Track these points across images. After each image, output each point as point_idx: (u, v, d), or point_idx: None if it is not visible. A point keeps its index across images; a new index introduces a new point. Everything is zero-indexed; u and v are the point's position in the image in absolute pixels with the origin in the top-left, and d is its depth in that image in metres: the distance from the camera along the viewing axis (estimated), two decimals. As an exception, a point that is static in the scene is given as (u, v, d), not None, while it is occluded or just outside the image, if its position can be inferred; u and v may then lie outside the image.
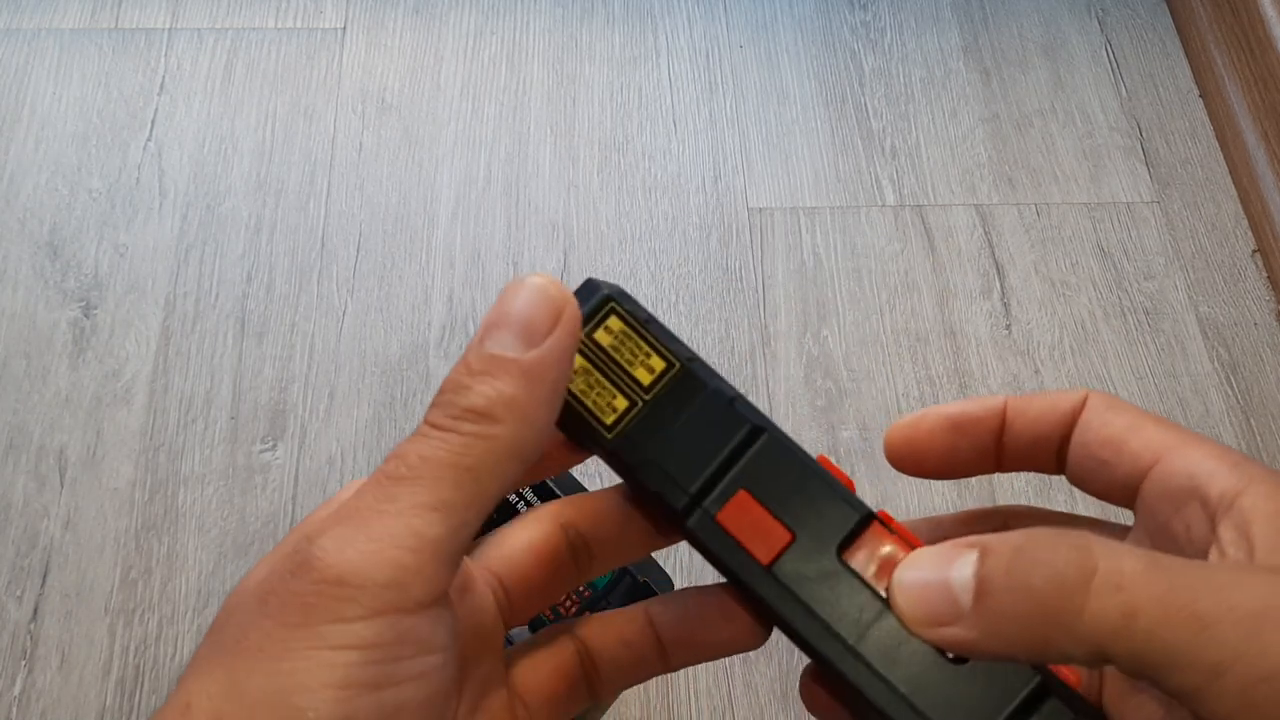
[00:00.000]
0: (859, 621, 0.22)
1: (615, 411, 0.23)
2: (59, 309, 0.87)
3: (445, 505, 0.20)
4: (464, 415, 0.21)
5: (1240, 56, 0.97)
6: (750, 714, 0.72)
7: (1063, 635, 0.19)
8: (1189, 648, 0.18)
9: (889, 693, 0.21)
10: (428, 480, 0.20)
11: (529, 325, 0.22)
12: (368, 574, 0.19)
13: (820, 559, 0.22)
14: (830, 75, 1.02)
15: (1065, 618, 0.19)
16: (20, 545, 0.77)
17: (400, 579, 0.20)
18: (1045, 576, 0.19)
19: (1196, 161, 0.97)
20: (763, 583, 0.22)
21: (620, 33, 1.03)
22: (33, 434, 0.81)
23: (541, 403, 0.21)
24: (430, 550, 0.20)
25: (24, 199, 0.92)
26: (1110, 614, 0.18)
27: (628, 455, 0.23)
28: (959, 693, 0.21)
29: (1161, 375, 0.86)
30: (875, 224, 0.93)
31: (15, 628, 0.74)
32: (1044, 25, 1.05)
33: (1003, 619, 0.19)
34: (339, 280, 0.89)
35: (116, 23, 1.02)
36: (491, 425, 0.21)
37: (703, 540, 0.23)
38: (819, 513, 0.22)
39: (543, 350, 0.21)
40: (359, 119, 0.97)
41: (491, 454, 0.21)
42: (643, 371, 0.24)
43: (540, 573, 0.26)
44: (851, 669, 0.21)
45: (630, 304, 0.24)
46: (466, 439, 0.21)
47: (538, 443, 0.22)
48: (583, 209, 0.93)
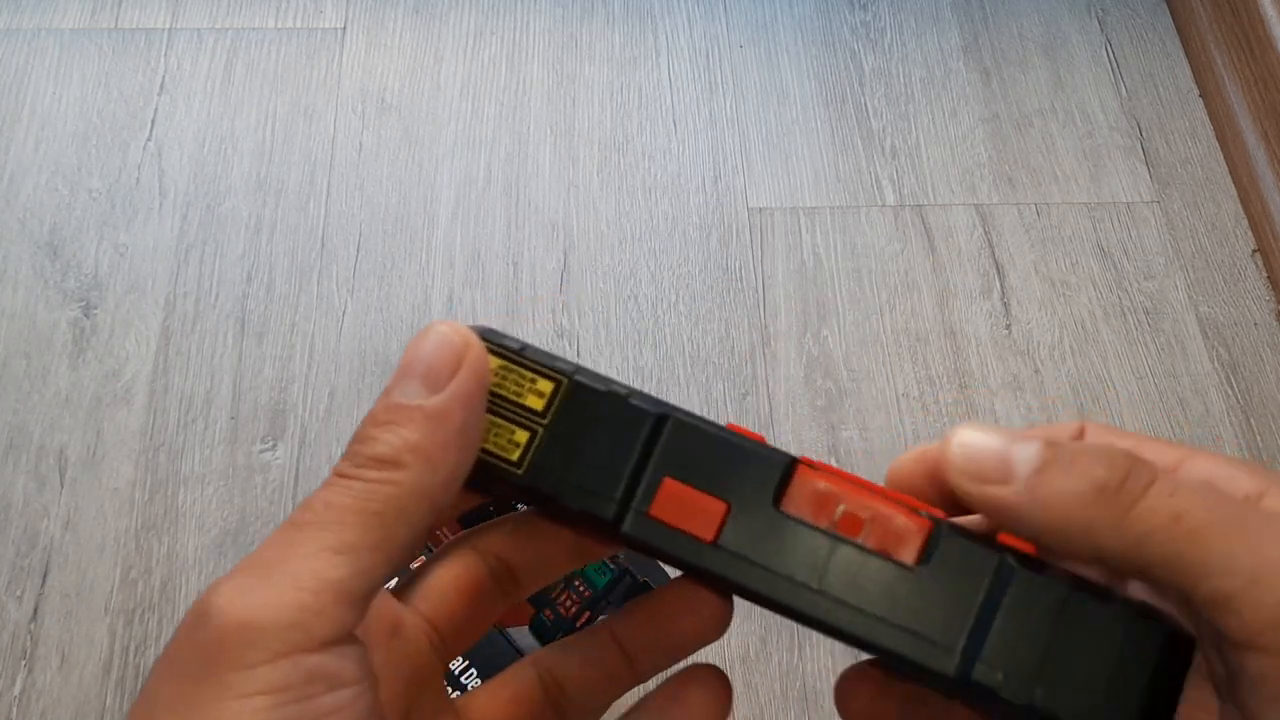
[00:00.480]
0: (815, 564, 0.22)
1: (518, 446, 0.23)
2: (59, 309, 0.87)
3: (349, 548, 0.20)
4: (369, 463, 0.21)
5: (1240, 56, 0.97)
6: (750, 714, 0.72)
7: (1109, 525, 0.20)
8: (1229, 553, 0.19)
9: (864, 619, 0.21)
10: (332, 525, 0.20)
11: (431, 372, 0.22)
12: (269, 618, 0.19)
13: (760, 517, 0.22)
14: (830, 75, 1.02)
15: (1117, 509, 0.20)
16: (20, 545, 0.77)
17: (302, 620, 0.19)
18: (1107, 469, 0.20)
19: (1196, 161, 0.97)
20: (714, 559, 0.22)
21: (620, 33, 1.03)
22: (33, 434, 0.81)
23: (446, 447, 0.22)
24: (332, 591, 0.20)
25: (24, 199, 0.92)
26: (1159, 513, 0.20)
27: (544, 484, 0.23)
28: (930, 595, 0.21)
29: (1161, 375, 0.86)
30: (875, 224, 0.93)
31: (15, 628, 0.74)
32: (1044, 25, 1.05)
33: (1055, 494, 0.20)
34: (339, 280, 0.89)
35: (116, 23, 1.02)
36: (396, 471, 0.21)
37: (643, 540, 0.22)
38: (744, 475, 0.22)
39: (445, 395, 0.22)
40: (359, 119, 0.97)
41: (397, 499, 0.21)
42: (533, 398, 0.23)
43: (466, 607, 0.26)
44: (823, 610, 0.22)
45: (500, 338, 0.24)
46: (371, 485, 0.21)
47: (446, 486, 0.22)
48: (583, 209, 0.93)
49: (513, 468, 0.23)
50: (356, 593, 0.20)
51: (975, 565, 0.21)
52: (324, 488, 0.21)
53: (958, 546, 0.21)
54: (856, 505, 0.22)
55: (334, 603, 0.20)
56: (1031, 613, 0.21)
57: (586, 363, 0.85)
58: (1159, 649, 0.21)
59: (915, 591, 0.21)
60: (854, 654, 0.22)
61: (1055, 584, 0.21)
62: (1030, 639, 0.21)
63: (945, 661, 0.21)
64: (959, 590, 0.21)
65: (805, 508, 0.22)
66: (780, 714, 0.72)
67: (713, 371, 0.86)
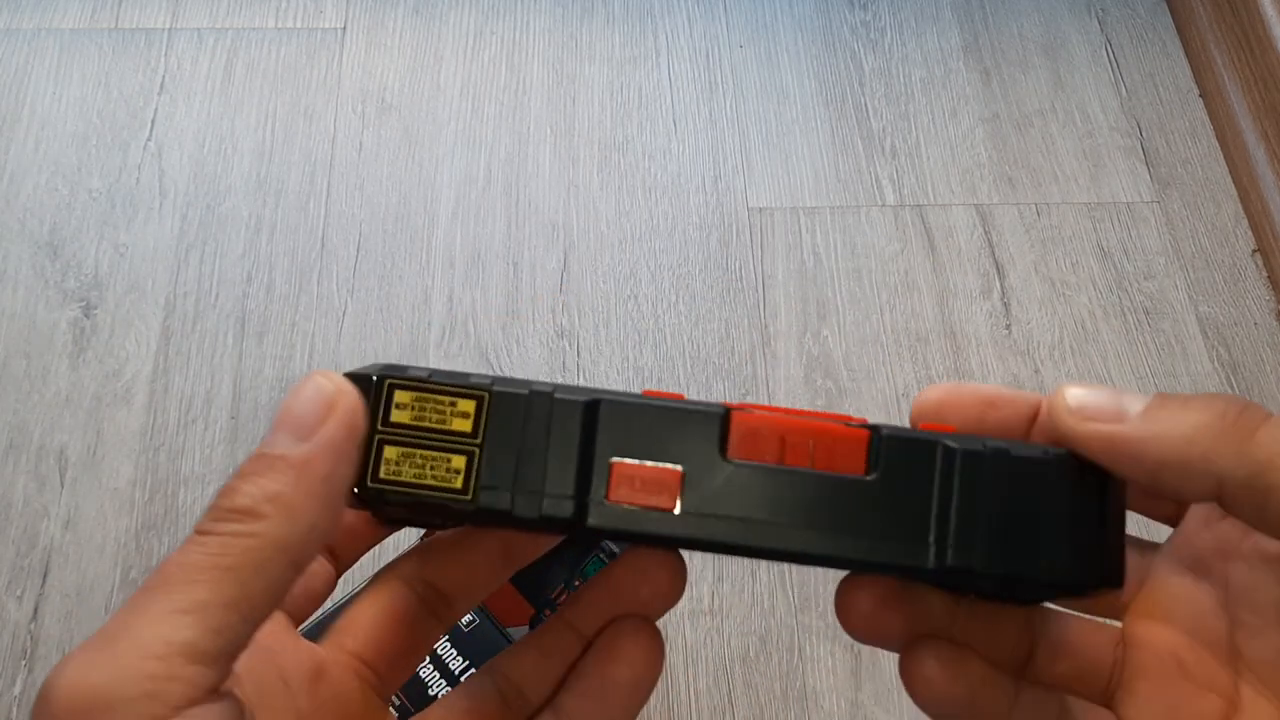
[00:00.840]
0: (776, 500, 0.22)
1: (459, 473, 0.23)
2: (59, 309, 0.87)
3: (198, 607, 0.19)
4: (226, 516, 0.20)
5: (1240, 56, 0.97)
6: (750, 714, 0.72)
7: (1231, 452, 0.20)
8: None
9: (835, 539, 0.22)
10: (180, 585, 0.20)
11: (299, 422, 0.21)
12: (116, 692, 0.18)
13: (714, 472, 0.22)
14: (830, 75, 1.02)
15: (1237, 436, 0.21)
16: (20, 545, 0.77)
17: (152, 689, 0.18)
18: (1225, 401, 0.21)
19: (1196, 161, 0.97)
20: (683, 525, 0.22)
21: (620, 33, 1.03)
22: (33, 434, 0.81)
23: (310, 495, 0.21)
24: (182, 654, 0.19)
25: (24, 199, 0.92)
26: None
27: (497, 504, 0.22)
28: (888, 498, 0.22)
29: (1162, 375, 0.86)
30: (875, 224, 0.93)
31: (15, 628, 0.74)
32: (1044, 25, 1.05)
33: (1174, 424, 0.21)
34: (339, 280, 0.89)
35: (116, 23, 1.02)
36: (254, 523, 0.20)
37: (612, 527, 0.22)
38: (686, 437, 0.23)
39: (310, 444, 0.21)
40: (359, 119, 0.97)
41: (253, 552, 0.20)
42: (459, 421, 0.23)
43: (397, 638, 0.25)
44: (795, 542, 0.22)
45: (403, 371, 0.23)
46: (225, 539, 0.20)
47: (308, 538, 0.21)
48: (583, 209, 0.93)
49: (459, 496, 0.22)
50: (210, 652, 0.19)
51: (919, 458, 0.22)
52: (180, 549, 0.20)
53: (898, 445, 0.22)
54: (796, 434, 0.22)
55: (184, 665, 0.19)
56: (983, 487, 0.22)
57: (587, 362, 0.85)
58: (1100, 493, 0.22)
59: (874, 499, 0.22)
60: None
61: (997, 453, 0.22)
62: (989, 511, 0.22)
63: (921, 557, 0.22)
64: (913, 486, 0.22)
65: (751, 450, 0.22)
66: (780, 714, 0.72)
67: (713, 371, 0.86)
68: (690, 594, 0.76)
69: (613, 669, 0.25)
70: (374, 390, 0.23)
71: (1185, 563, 0.25)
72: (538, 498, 0.22)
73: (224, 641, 0.20)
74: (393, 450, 0.23)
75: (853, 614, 0.25)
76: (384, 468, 0.22)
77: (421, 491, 0.22)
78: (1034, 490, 0.22)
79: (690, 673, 0.73)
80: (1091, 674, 0.26)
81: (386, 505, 0.23)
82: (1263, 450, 0.20)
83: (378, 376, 0.23)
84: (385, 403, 0.23)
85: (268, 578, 0.20)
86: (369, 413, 0.22)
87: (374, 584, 0.26)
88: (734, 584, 0.76)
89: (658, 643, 0.25)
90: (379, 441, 0.23)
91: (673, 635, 0.74)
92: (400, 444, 0.23)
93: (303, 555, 0.21)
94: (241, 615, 0.20)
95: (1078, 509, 0.22)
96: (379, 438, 0.23)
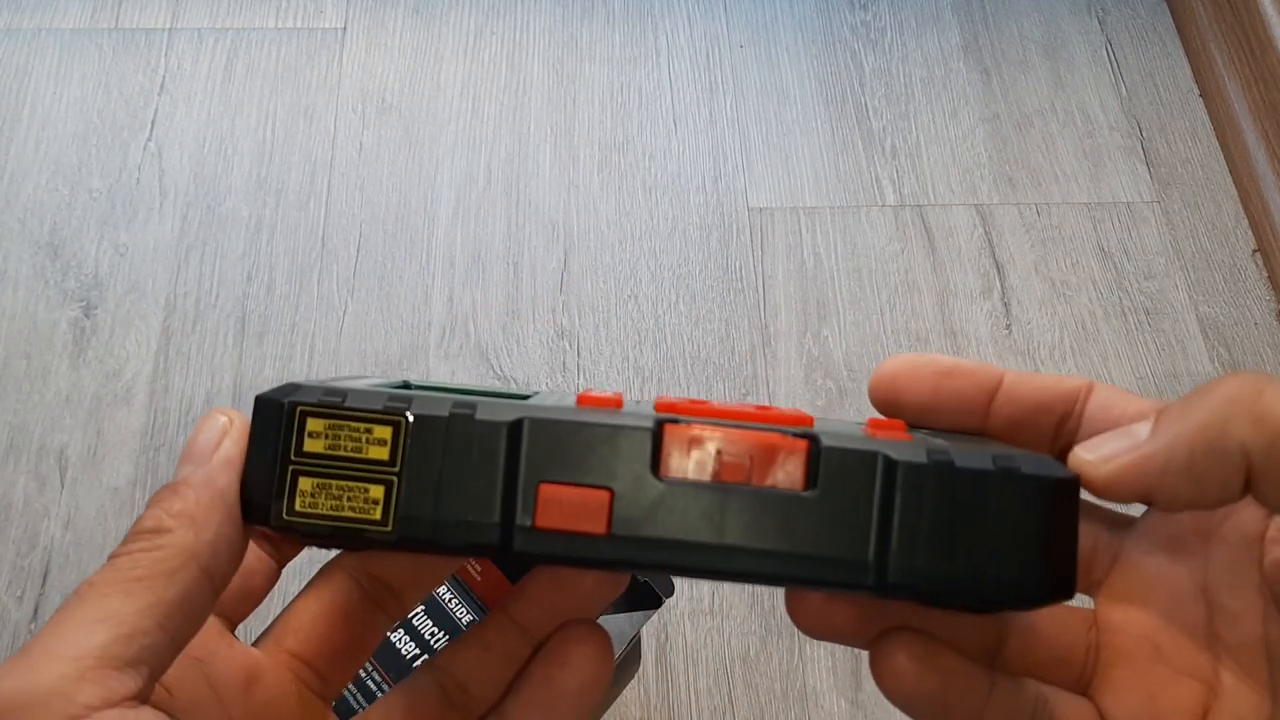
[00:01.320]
0: (711, 520, 0.21)
1: (377, 504, 0.22)
2: (59, 309, 0.87)
3: (110, 616, 0.20)
4: (135, 537, 0.21)
5: (1240, 56, 0.97)
6: (750, 714, 0.72)
7: (1243, 414, 0.20)
8: None
9: (772, 559, 0.21)
10: (93, 599, 0.20)
11: (200, 452, 0.22)
12: (27, 695, 0.19)
13: (645, 492, 0.22)
14: (830, 75, 1.02)
15: (1246, 398, 0.20)
16: (20, 545, 0.77)
17: (61, 688, 0.19)
18: (1221, 381, 0.21)
19: (1197, 161, 0.97)
20: (613, 549, 0.21)
21: (620, 33, 1.03)
22: (33, 434, 0.81)
23: (211, 508, 0.21)
24: (94, 657, 0.19)
25: (24, 199, 0.92)
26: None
27: (418, 534, 0.22)
28: (827, 515, 0.21)
29: (1162, 375, 0.86)
30: (875, 224, 0.93)
31: (15, 628, 0.74)
32: (1044, 25, 1.05)
33: (1183, 420, 0.21)
34: (339, 280, 0.89)
35: (117, 23, 1.02)
36: (160, 536, 0.21)
37: (539, 552, 0.22)
38: (616, 454, 0.22)
39: (211, 464, 0.22)
40: (359, 119, 0.97)
41: (162, 562, 0.21)
42: (375, 449, 0.22)
43: (339, 635, 0.25)
44: (732, 563, 0.21)
45: (316, 395, 0.22)
46: (134, 555, 0.21)
47: (216, 548, 0.21)
48: (583, 209, 0.93)
49: (378, 527, 0.22)
50: (122, 657, 0.20)
51: (860, 471, 0.21)
52: (95, 572, 0.21)
53: (838, 458, 0.21)
54: (732, 447, 0.22)
55: (95, 667, 0.19)
56: (926, 500, 0.21)
57: (587, 362, 0.85)
58: (1051, 498, 0.21)
59: (813, 516, 0.21)
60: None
61: (939, 465, 0.21)
62: (932, 525, 0.21)
63: (862, 576, 0.21)
64: (853, 501, 0.21)
65: (684, 467, 0.22)
66: (780, 714, 0.72)
67: (713, 371, 0.86)
68: (690, 594, 0.76)
69: (560, 676, 0.25)
70: (284, 417, 0.22)
71: (1160, 542, 0.25)
72: (462, 527, 0.21)
73: (138, 648, 0.20)
74: (307, 481, 0.22)
75: (801, 609, 0.25)
76: (299, 500, 0.22)
77: (339, 524, 0.22)
78: (980, 502, 0.21)
79: (690, 673, 0.73)
80: (1066, 661, 0.25)
81: (304, 537, 0.22)
82: (1272, 409, 0.20)
83: (289, 403, 0.22)
84: (298, 431, 0.22)
85: (180, 585, 0.21)
86: (282, 439, 0.22)
87: (317, 579, 0.26)
88: (734, 584, 0.76)
89: (606, 647, 0.25)
90: (293, 473, 0.22)
91: (673, 635, 0.74)
92: (315, 475, 0.22)
93: (214, 564, 0.21)
94: (156, 622, 0.20)
95: (1026, 520, 0.21)
96: (293, 468, 0.22)
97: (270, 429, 0.22)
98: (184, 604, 0.21)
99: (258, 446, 0.22)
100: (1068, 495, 0.22)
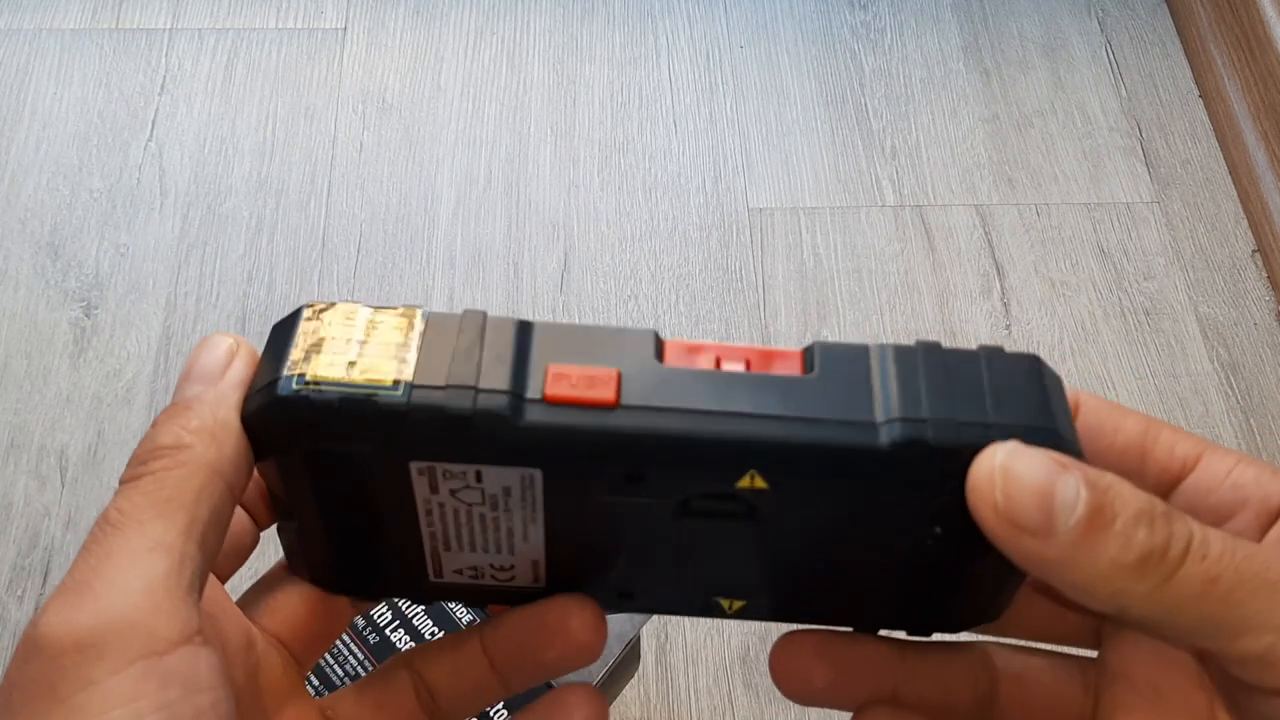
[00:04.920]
0: (717, 391, 0.22)
1: (388, 375, 0.21)
2: (60, 309, 0.87)
3: (160, 543, 0.19)
4: (151, 455, 0.21)
5: (1240, 56, 0.97)
6: (750, 714, 0.72)
7: (1142, 596, 0.19)
8: (1264, 609, 0.19)
9: (780, 424, 0.21)
10: (132, 526, 0.19)
11: (206, 371, 0.22)
12: (104, 629, 0.18)
13: (653, 374, 0.22)
14: (830, 75, 1.02)
15: (1154, 580, 0.19)
16: (20, 545, 0.77)
17: (141, 621, 0.18)
18: (1148, 534, 0.19)
19: (1196, 162, 0.97)
20: (624, 418, 0.21)
21: (620, 33, 1.04)
22: (33, 434, 0.81)
23: (228, 424, 0.21)
24: (161, 587, 0.19)
25: (25, 199, 0.92)
26: (1195, 579, 0.19)
27: (428, 400, 0.21)
28: (828, 390, 0.22)
29: (1161, 375, 0.86)
30: (875, 224, 0.93)
31: (16, 628, 0.74)
32: (1044, 25, 1.05)
33: (1094, 560, 0.19)
34: (340, 280, 0.89)
35: (117, 23, 1.02)
36: (182, 453, 0.20)
37: (548, 424, 0.21)
38: (621, 350, 0.22)
39: (224, 382, 0.22)
40: (359, 119, 0.97)
41: (188, 478, 0.20)
42: (390, 333, 0.22)
43: (314, 619, 0.26)
44: (740, 430, 0.21)
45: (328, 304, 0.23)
46: (158, 475, 0.20)
47: (237, 463, 0.21)
48: (583, 209, 0.93)
49: (389, 392, 0.21)
50: (184, 584, 0.19)
51: (854, 358, 0.22)
52: (114, 498, 0.20)
53: (833, 351, 0.22)
54: (730, 350, 0.23)
55: (166, 598, 0.19)
56: (920, 370, 0.22)
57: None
58: (1037, 373, 0.22)
59: (815, 390, 0.22)
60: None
61: (928, 346, 0.22)
62: (930, 385, 0.22)
63: (870, 436, 0.21)
64: (852, 379, 0.22)
65: (687, 361, 0.22)
66: (780, 714, 0.72)
67: (713, 371, 0.86)
68: (690, 594, 0.76)
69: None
70: (298, 317, 0.22)
71: None
72: (471, 393, 0.21)
73: (190, 572, 0.20)
74: (319, 359, 0.22)
75: (785, 670, 0.25)
76: (309, 371, 0.21)
77: (349, 390, 0.21)
78: (971, 372, 0.22)
79: (690, 673, 0.73)
80: (1063, 710, 0.25)
81: (313, 412, 0.21)
82: (1175, 593, 0.20)
83: (303, 307, 0.23)
84: (320, 312, 0.23)
85: (210, 501, 0.20)
86: (295, 335, 0.22)
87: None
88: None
89: (604, 712, 0.25)
90: (306, 352, 0.22)
91: (673, 635, 0.74)
92: (328, 355, 0.22)
93: (236, 480, 0.21)
94: (196, 544, 0.20)
95: (1021, 382, 0.22)
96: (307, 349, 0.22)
97: (284, 336, 0.22)
98: (214, 521, 0.21)
99: (270, 361, 0.22)
100: (1052, 375, 0.23)
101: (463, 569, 0.25)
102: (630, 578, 0.26)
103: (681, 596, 0.26)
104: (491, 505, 0.23)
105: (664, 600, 0.27)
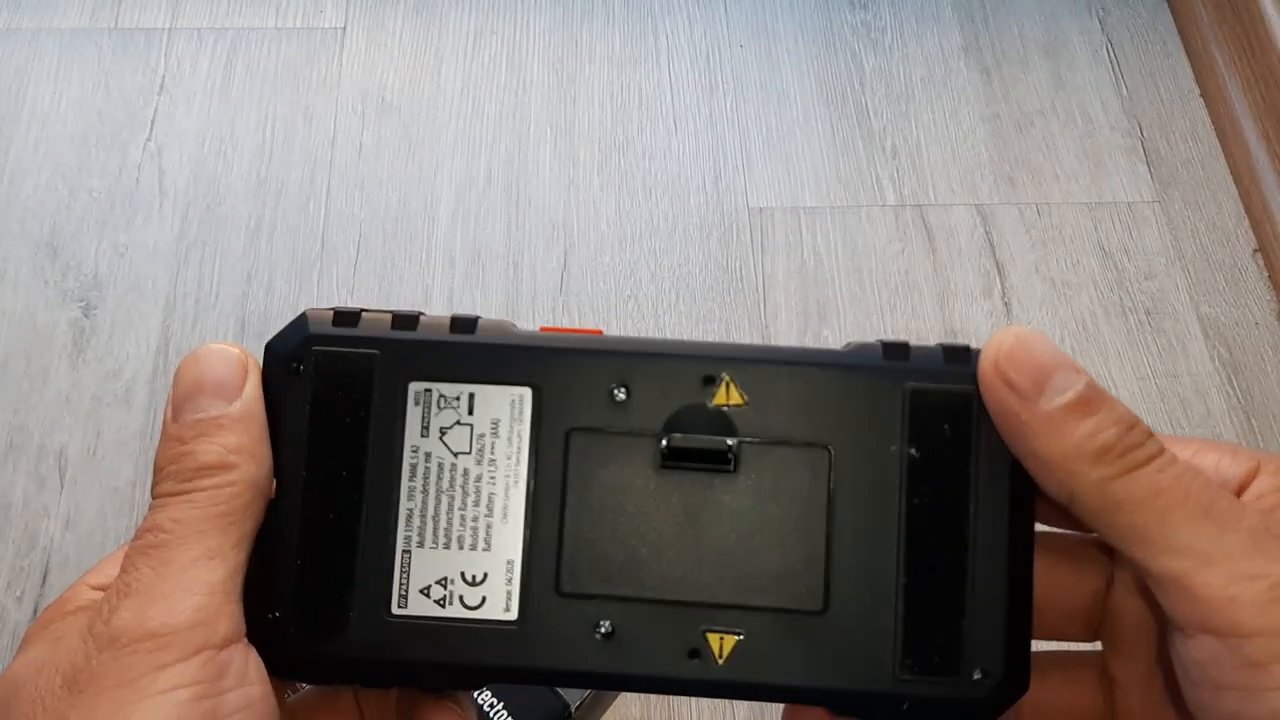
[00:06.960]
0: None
1: None
2: (59, 309, 0.87)
3: (217, 552, 0.22)
4: (198, 474, 0.23)
5: (1241, 56, 0.97)
6: (750, 714, 0.72)
7: (1093, 484, 0.21)
8: (1191, 533, 0.21)
9: (760, 348, 0.26)
10: (191, 536, 0.22)
11: (222, 385, 0.24)
12: (173, 623, 0.21)
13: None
14: (831, 75, 1.02)
15: (1107, 472, 0.21)
16: (20, 545, 0.77)
17: (203, 619, 0.21)
18: (1117, 432, 0.21)
19: (1197, 161, 0.97)
20: (608, 341, 0.26)
21: (620, 33, 1.03)
22: (33, 434, 0.81)
23: (261, 441, 0.23)
24: (220, 591, 0.22)
25: (24, 199, 0.92)
26: (1142, 486, 0.21)
27: (431, 319, 0.26)
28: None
29: (1162, 375, 0.86)
30: (876, 224, 0.93)
31: (16, 628, 0.74)
32: (1044, 25, 1.05)
33: (1061, 436, 0.21)
34: (339, 280, 0.89)
35: (116, 23, 1.02)
36: (229, 472, 0.23)
37: (540, 340, 0.25)
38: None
39: (244, 399, 0.24)
40: (359, 119, 0.97)
41: (239, 496, 0.23)
42: None
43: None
44: (715, 345, 0.25)
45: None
46: (210, 492, 0.22)
47: (269, 478, 0.24)
48: (583, 209, 0.93)
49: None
50: (235, 591, 0.22)
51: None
52: (161, 510, 0.22)
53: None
54: None
55: (224, 601, 0.22)
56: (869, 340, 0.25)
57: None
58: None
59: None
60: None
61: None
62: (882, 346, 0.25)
63: (833, 354, 0.24)
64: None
65: None
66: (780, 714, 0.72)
67: (713, 371, 0.85)
68: (690, 594, 0.76)
69: None
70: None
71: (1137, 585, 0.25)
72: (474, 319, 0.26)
73: (239, 582, 0.23)
74: None
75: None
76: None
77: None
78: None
79: (690, 673, 0.73)
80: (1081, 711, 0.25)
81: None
82: (1121, 492, 0.21)
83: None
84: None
85: (255, 518, 0.23)
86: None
87: None
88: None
89: None
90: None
91: (673, 635, 0.74)
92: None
93: (269, 490, 0.24)
94: (244, 553, 0.23)
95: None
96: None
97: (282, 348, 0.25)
98: (254, 532, 0.23)
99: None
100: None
101: (430, 586, 0.24)
102: (611, 612, 0.24)
103: (668, 629, 0.25)
104: (477, 456, 0.24)
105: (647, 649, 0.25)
